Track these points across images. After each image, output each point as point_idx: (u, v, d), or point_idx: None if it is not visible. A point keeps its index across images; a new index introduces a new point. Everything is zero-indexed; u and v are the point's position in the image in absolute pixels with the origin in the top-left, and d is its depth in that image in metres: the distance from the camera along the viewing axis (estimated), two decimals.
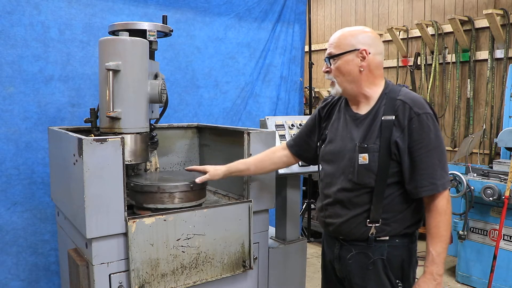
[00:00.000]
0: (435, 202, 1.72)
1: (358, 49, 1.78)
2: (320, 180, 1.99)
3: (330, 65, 1.85)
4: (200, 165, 2.79)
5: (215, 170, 2.10)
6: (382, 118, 1.75)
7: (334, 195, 1.86)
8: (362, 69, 1.80)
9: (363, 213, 1.79)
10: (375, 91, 1.83)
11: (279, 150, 2.16)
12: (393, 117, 1.73)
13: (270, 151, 2.17)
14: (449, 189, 1.76)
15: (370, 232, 1.78)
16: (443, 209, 1.72)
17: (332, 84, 1.88)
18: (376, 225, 1.77)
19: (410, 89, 1.93)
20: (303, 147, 2.11)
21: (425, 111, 1.72)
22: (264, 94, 3.67)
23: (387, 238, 1.79)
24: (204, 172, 2.10)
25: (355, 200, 1.80)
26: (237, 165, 2.12)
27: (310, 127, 2.11)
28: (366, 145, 1.75)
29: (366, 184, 1.76)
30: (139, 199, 2.04)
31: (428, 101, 1.73)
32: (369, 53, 1.78)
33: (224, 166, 2.12)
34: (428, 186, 1.70)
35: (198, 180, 2.06)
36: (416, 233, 1.88)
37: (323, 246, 2.07)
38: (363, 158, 1.75)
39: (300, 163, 2.51)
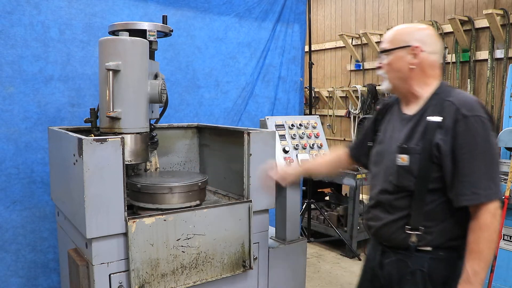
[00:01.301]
0: (478, 214, 1.57)
1: (411, 46, 1.72)
2: (368, 183, 1.95)
3: (382, 60, 1.81)
4: (200, 165, 2.81)
5: (289, 175, 2.21)
6: (427, 119, 1.66)
7: (376, 197, 1.81)
8: (413, 67, 1.72)
9: (403, 218, 1.70)
10: (426, 91, 1.74)
11: (342, 154, 2.17)
12: (439, 119, 1.63)
13: (335, 156, 2.21)
14: (498, 201, 1.58)
15: (411, 240, 1.68)
16: (485, 224, 1.56)
17: (383, 79, 1.83)
18: (417, 233, 1.67)
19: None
20: (362, 151, 2.06)
21: (474, 114, 1.59)
22: (263, 94, 3.67)
23: (430, 249, 1.67)
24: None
25: (395, 203, 1.72)
26: (310, 166, 2.25)
27: (367, 130, 2.05)
28: (406, 146, 1.68)
29: (406, 187, 1.68)
30: (139, 199, 2.04)
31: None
32: (423, 51, 1.71)
33: (299, 168, 2.22)
34: (468, 195, 1.57)
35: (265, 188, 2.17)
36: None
37: (368, 251, 2.00)
38: (402, 159, 1.68)
39: (300, 163, 2.51)
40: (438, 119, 1.64)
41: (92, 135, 2.05)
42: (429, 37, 1.75)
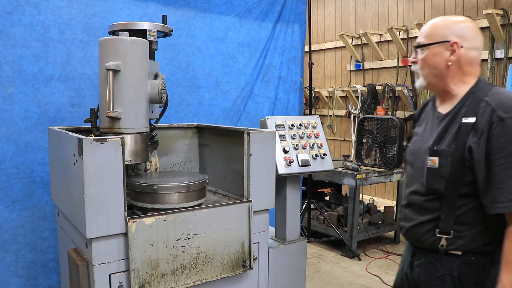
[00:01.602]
0: None
1: (449, 41, 1.62)
2: (404, 182, 1.90)
3: (417, 55, 1.71)
4: (200, 165, 2.81)
5: None
6: (462, 121, 1.58)
7: (408, 198, 1.77)
8: (450, 64, 1.64)
9: (433, 221, 1.65)
10: (462, 89, 1.66)
11: None
12: (473, 120, 1.55)
13: None
14: None
15: (440, 244, 1.63)
16: None
17: (417, 76, 1.75)
18: (447, 236, 1.61)
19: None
20: None
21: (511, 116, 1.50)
22: (263, 94, 3.67)
23: (460, 253, 1.61)
24: None
25: (425, 205, 1.67)
26: None
27: (410, 134, 1.98)
28: (436, 148, 1.61)
29: (436, 190, 1.62)
30: (139, 199, 2.04)
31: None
32: (461, 47, 1.62)
33: None
34: (504, 203, 1.48)
35: None
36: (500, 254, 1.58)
37: (404, 250, 1.97)
38: (432, 162, 1.61)
39: (300, 163, 2.51)
40: (472, 120, 1.56)
41: (92, 135, 2.05)
42: (470, 31, 1.64)
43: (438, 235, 1.63)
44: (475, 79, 1.67)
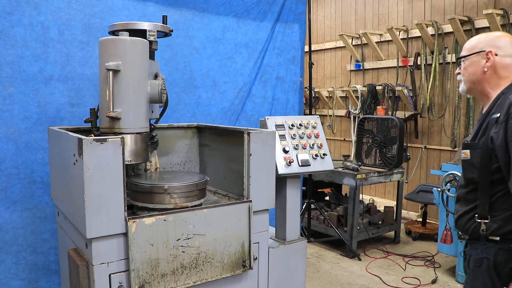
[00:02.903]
0: None
1: (484, 51, 1.88)
2: None
3: (461, 67, 1.98)
4: (200, 165, 2.81)
5: None
6: (491, 117, 1.80)
7: (457, 193, 2.02)
8: (486, 70, 1.88)
9: (473, 209, 1.86)
10: (497, 92, 1.88)
11: None
12: (498, 115, 1.77)
13: None
14: None
15: (481, 229, 1.82)
16: None
17: (460, 83, 2.01)
18: (486, 221, 1.81)
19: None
20: None
21: None
22: (261, 94, 3.67)
23: (498, 238, 1.79)
24: None
25: (467, 196, 1.90)
26: None
27: None
28: (467, 142, 1.86)
29: (472, 180, 1.85)
30: (139, 199, 2.04)
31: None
32: (496, 55, 1.86)
33: None
34: None
35: None
36: None
37: None
38: (465, 154, 1.86)
39: (300, 163, 2.51)
40: (497, 115, 1.78)
41: (92, 135, 2.05)
42: (504, 42, 1.89)
43: (477, 220, 1.84)
44: (510, 82, 1.89)
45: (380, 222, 5.12)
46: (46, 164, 2.60)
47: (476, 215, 1.84)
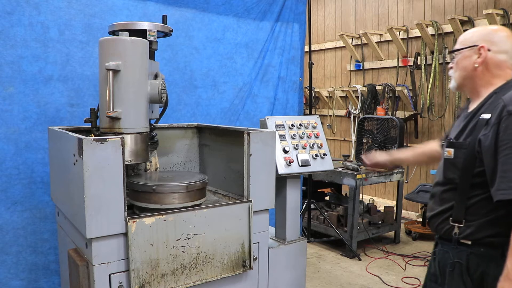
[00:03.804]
0: None
1: (477, 46, 1.77)
2: None
3: (453, 60, 1.88)
4: (200, 165, 2.81)
5: (384, 160, 2.40)
6: (480, 117, 1.71)
7: (432, 189, 1.93)
8: (476, 65, 1.77)
9: (448, 210, 1.79)
10: (488, 90, 1.78)
11: (433, 144, 2.27)
12: (489, 116, 1.67)
13: (428, 148, 2.29)
14: None
15: (454, 232, 1.76)
16: None
17: (450, 79, 1.91)
18: (459, 225, 1.74)
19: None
20: None
21: None
22: (262, 94, 3.67)
23: (470, 243, 1.73)
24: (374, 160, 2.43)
25: (443, 195, 1.83)
26: (400, 157, 2.40)
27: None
28: (452, 140, 1.78)
29: (452, 180, 1.77)
30: (139, 199, 2.04)
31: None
32: (489, 50, 1.75)
33: (389, 156, 2.41)
34: (506, 190, 1.57)
35: (367, 164, 2.44)
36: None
37: None
38: (448, 153, 1.78)
39: (300, 163, 2.51)
40: (487, 116, 1.68)
41: (92, 135, 2.05)
42: (499, 37, 1.77)
43: (451, 223, 1.77)
44: (504, 81, 1.77)
45: (380, 222, 5.12)
46: (46, 164, 2.60)
47: (451, 218, 1.77)
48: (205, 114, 3.40)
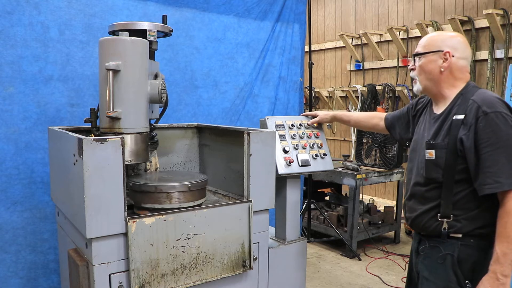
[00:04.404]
0: (504, 201, 1.72)
1: (442, 51, 1.89)
2: (405, 178, 2.15)
3: (415, 63, 1.98)
4: (200, 165, 2.81)
5: (324, 115, 2.63)
6: (453, 118, 1.83)
7: (411, 190, 2.00)
8: (442, 70, 1.89)
9: (435, 208, 1.87)
10: (453, 92, 1.91)
11: (377, 118, 2.45)
12: (462, 116, 1.80)
13: (369, 116, 2.51)
14: None
15: (443, 227, 1.84)
16: (511, 209, 1.70)
17: (415, 81, 2.01)
18: (448, 220, 1.83)
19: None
20: (393, 124, 2.33)
21: (494, 110, 1.74)
22: (263, 94, 3.67)
23: (460, 236, 1.82)
24: (315, 116, 2.63)
25: (426, 194, 1.90)
26: (342, 116, 2.63)
27: (403, 112, 2.29)
28: (432, 142, 1.86)
29: (435, 179, 1.85)
30: (139, 199, 2.04)
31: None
32: (453, 56, 1.88)
33: (332, 112, 2.67)
34: (491, 184, 1.71)
35: (309, 122, 2.60)
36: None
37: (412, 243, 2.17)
38: (430, 154, 1.86)
39: (300, 163, 2.51)
40: (461, 116, 1.80)
41: (92, 135, 2.05)
42: (460, 43, 1.91)
43: (440, 219, 1.85)
44: (464, 84, 1.92)
45: (380, 222, 5.12)
46: (46, 164, 2.60)
47: (439, 215, 1.85)
48: (206, 114, 3.39)
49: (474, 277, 1.81)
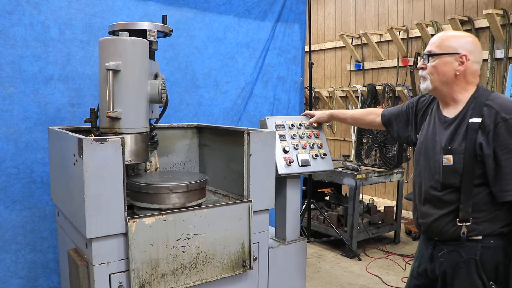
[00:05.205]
0: None
1: (459, 54, 1.84)
2: (413, 182, 2.09)
3: (428, 62, 1.91)
4: (200, 165, 2.81)
5: (321, 114, 2.63)
6: (469, 121, 1.79)
7: (424, 195, 1.94)
8: (458, 73, 1.85)
9: (452, 212, 1.83)
10: (465, 96, 1.88)
11: (373, 114, 2.43)
12: (479, 120, 1.77)
13: (366, 113, 2.49)
14: None
15: (462, 232, 1.82)
16: None
17: (424, 79, 1.94)
18: (467, 224, 1.80)
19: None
20: (391, 121, 2.31)
21: None
22: (263, 94, 3.67)
23: (480, 237, 1.80)
24: (312, 116, 2.64)
25: (443, 198, 1.86)
26: (338, 114, 2.63)
27: (402, 110, 2.25)
28: (450, 147, 1.82)
29: (452, 184, 1.82)
30: (139, 199, 2.04)
31: None
32: (469, 60, 1.84)
33: (328, 111, 2.66)
34: None
35: (308, 122, 2.62)
36: None
37: (417, 249, 2.13)
38: (447, 160, 1.82)
39: (300, 163, 2.52)
40: (478, 120, 1.77)
41: (92, 135, 2.05)
42: (475, 47, 1.88)
43: (458, 223, 1.82)
44: (475, 87, 1.89)
45: (380, 222, 5.12)
46: (46, 164, 2.60)
47: (458, 219, 1.82)
48: (208, 114, 3.40)
49: (497, 277, 1.80)
